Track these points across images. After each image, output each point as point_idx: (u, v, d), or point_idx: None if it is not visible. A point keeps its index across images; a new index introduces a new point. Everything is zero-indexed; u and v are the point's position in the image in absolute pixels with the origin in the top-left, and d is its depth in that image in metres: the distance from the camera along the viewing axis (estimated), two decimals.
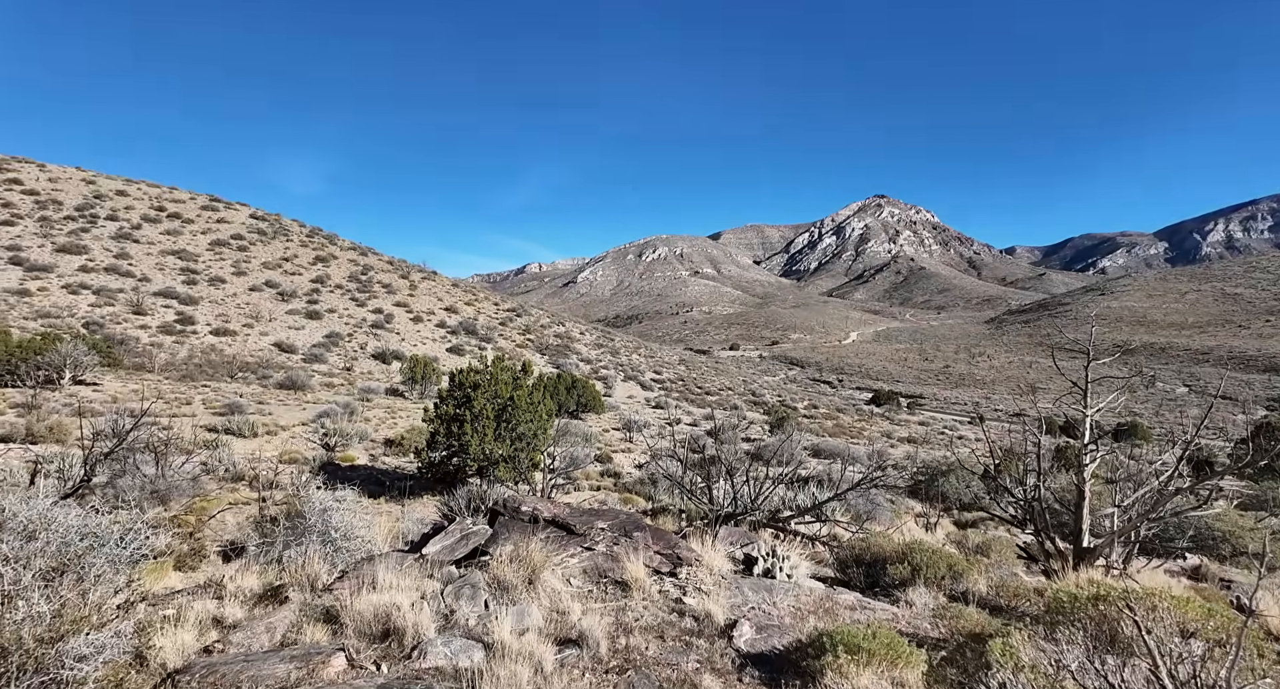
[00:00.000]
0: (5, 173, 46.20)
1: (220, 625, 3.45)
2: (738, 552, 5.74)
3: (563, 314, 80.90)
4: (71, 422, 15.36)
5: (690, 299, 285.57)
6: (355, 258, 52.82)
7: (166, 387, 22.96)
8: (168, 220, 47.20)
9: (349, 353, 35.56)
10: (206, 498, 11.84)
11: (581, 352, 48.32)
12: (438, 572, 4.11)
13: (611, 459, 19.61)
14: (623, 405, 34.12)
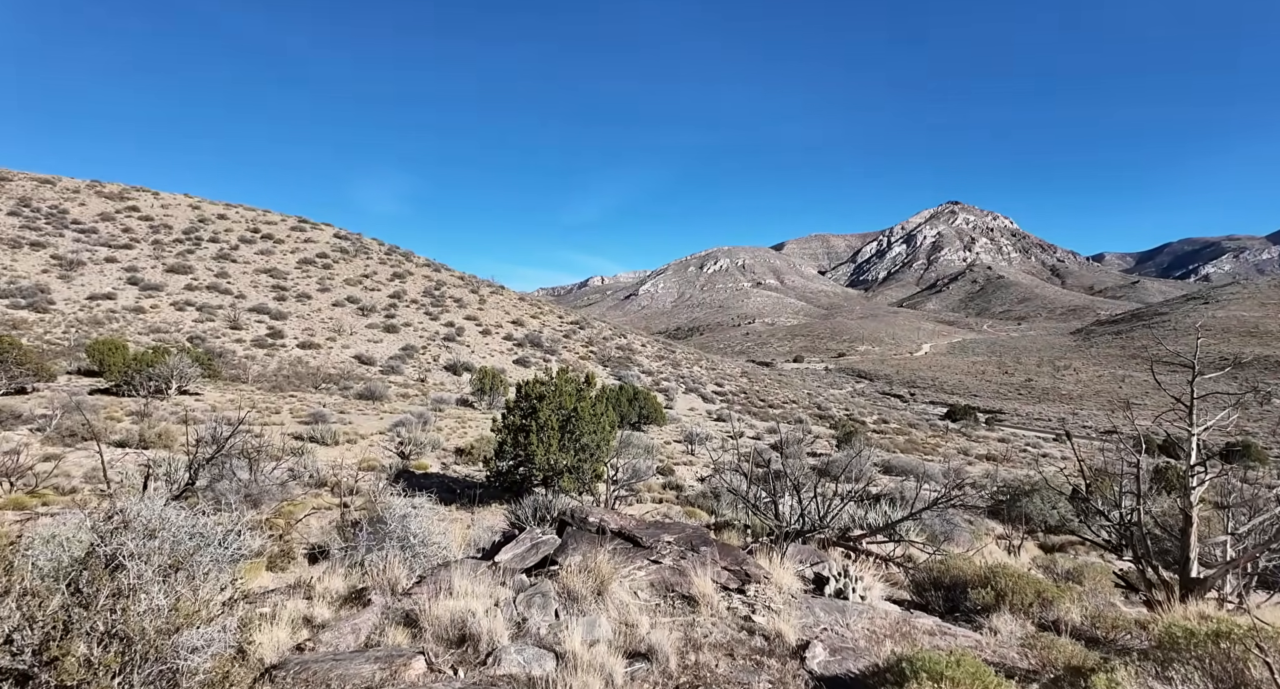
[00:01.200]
0: (125, 201, 51.04)
1: (310, 625, 3.66)
2: (807, 570, 5.59)
3: (624, 326, 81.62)
4: (177, 429, 16.68)
5: (752, 310, 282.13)
6: (429, 273, 55.16)
7: (258, 396, 24.59)
8: (261, 241, 50.85)
9: (423, 365, 37.06)
10: (293, 502, 12.56)
11: (643, 363, 48.53)
12: (509, 579, 4.21)
13: (673, 472, 19.54)
14: (684, 417, 33.97)
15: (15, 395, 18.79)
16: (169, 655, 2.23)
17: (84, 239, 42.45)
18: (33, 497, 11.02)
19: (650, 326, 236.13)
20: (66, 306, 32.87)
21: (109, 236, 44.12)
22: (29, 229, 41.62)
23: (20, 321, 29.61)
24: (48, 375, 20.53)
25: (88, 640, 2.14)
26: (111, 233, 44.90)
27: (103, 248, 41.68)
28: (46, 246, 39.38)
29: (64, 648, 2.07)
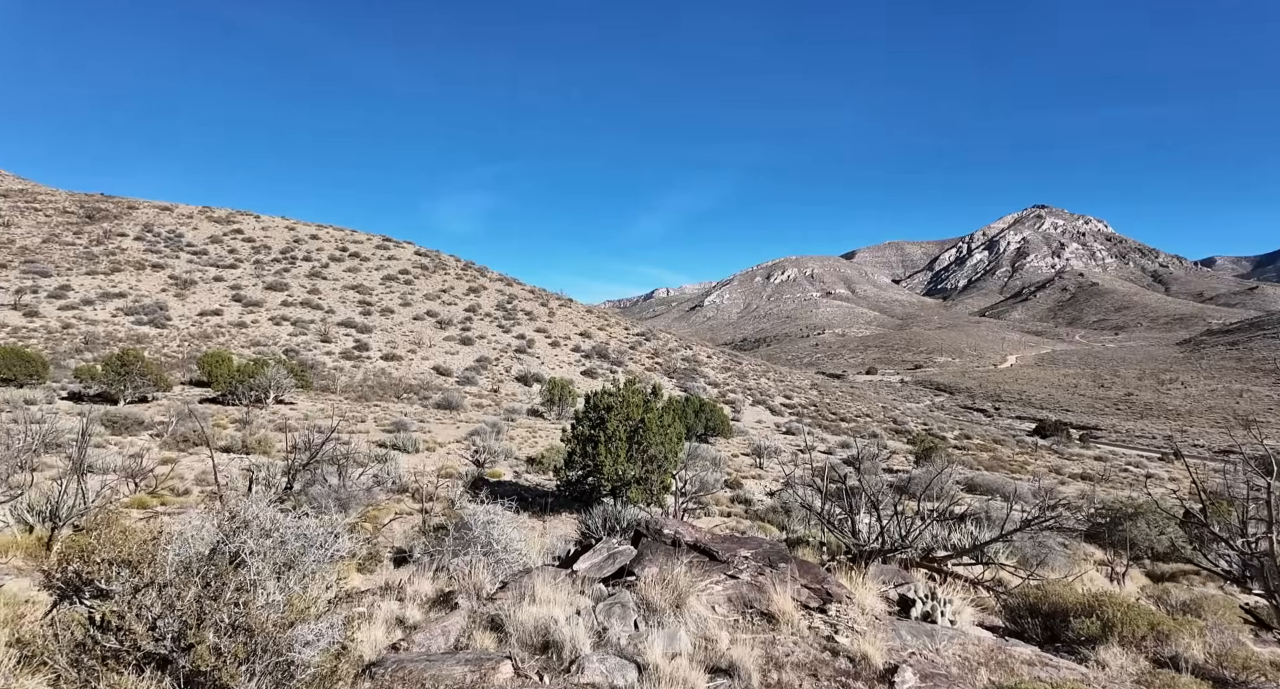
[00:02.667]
0: (231, 225, 55.60)
1: (403, 625, 3.84)
2: (891, 591, 5.37)
3: (690, 338, 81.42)
4: (275, 436, 17.91)
5: (822, 321, 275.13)
6: (502, 287, 57.04)
7: (346, 406, 26.06)
8: (349, 259, 54.12)
9: (496, 375, 38.25)
10: (378, 507, 13.21)
11: (709, 375, 48.21)
12: (588, 588, 4.27)
13: (741, 485, 19.28)
14: (751, 430, 33.47)
15: (139, 404, 20.73)
16: (284, 648, 2.40)
17: (196, 260, 46.50)
18: (153, 497, 12.09)
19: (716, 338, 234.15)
20: (181, 322, 36.03)
21: (217, 257, 48.15)
22: (151, 252, 46.00)
23: (143, 336, 32.68)
24: (165, 386, 22.53)
25: (216, 630, 2.34)
26: (219, 254, 48.99)
27: (212, 268, 45.51)
28: (165, 267, 43.39)
29: (199, 636, 2.27)
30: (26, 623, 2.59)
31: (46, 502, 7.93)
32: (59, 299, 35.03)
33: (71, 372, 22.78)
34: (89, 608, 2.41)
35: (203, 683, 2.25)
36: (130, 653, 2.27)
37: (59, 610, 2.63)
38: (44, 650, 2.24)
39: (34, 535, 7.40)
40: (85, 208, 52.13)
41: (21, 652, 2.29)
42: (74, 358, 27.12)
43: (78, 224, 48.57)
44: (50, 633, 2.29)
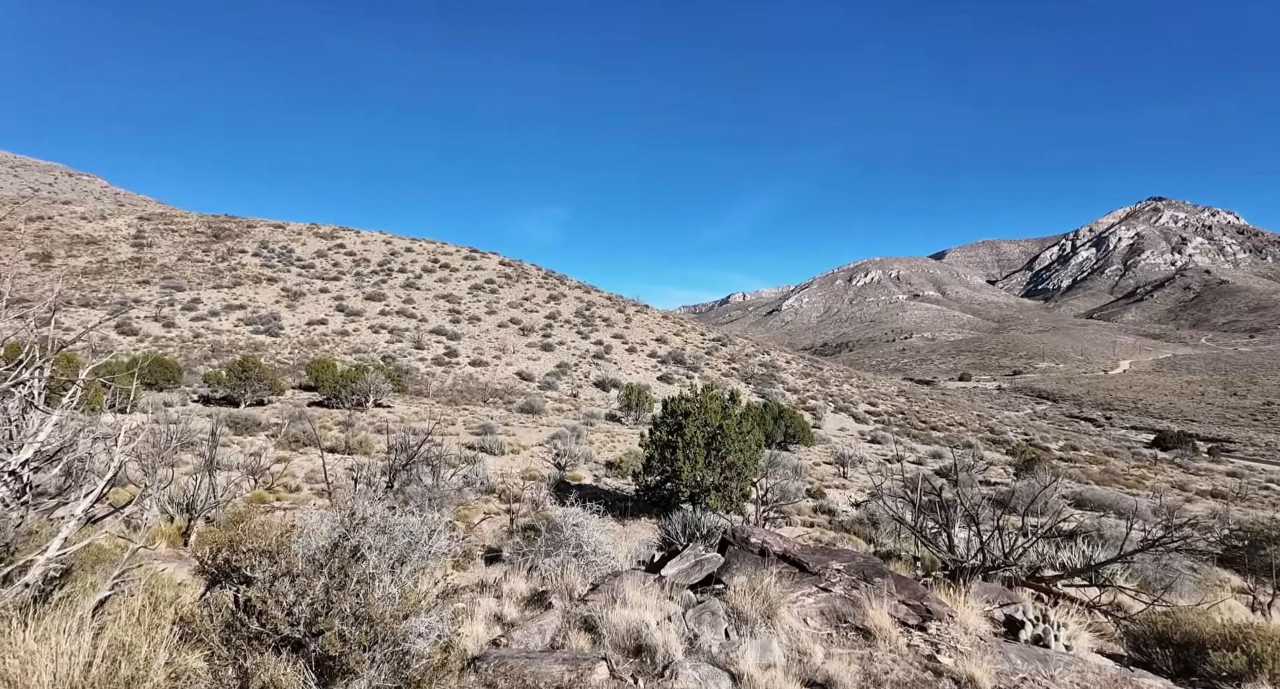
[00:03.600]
0: (335, 240, 59.90)
1: (501, 622, 4.01)
2: (995, 611, 5.06)
3: (767, 343, 79.99)
4: (374, 437, 19.10)
5: (909, 325, 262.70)
6: (580, 295, 58.28)
7: (438, 409, 27.42)
8: (440, 270, 57.00)
9: (575, 381, 39.08)
10: (468, 507, 13.80)
11: (787, 381, 47.15)
12: (676, 594, 4.29)
13: (824, 494, 18.74)
14: (833, 438, 32.44)
15: (256, 406, 22.68)
16: (400, 638, 2.57)
17: (304, 273, 50.40)
18: (269, 492, 13.19)
19: (794, 343, 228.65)
20: (291, 331, 39.14)
21: (322, 270, 51.99)
22: (266, 267, 50.29)
23: (259, 344, 35.75)
24: (279, 390, 24.53)
25: (342, 619, 2.53)
26: (324, 267, 52.88)
27: (318, 280, 49.18)
28: (278, 281, 47.31)
29: (327, 624, 2.47)
30: (184, 605, 2.91)
31: (184, 495, 8.83)
32: (190, 311, 38.92)
33: (201, 377, 25.23)
34: (235, 593, 2.68)
35: (331, 667, 2.45)
36: (270, 636, 2.51)
37: (210, 594, 2.95)
38: (201, 629, 2.51)
39: (174, 525, 8.26)
40: (212, 228, 57.72)
41: (183, 630, 2.58)
42: (203, 364, 30.04)
43: (206, 242, 53.84)
44: (205, 614, 2.57)
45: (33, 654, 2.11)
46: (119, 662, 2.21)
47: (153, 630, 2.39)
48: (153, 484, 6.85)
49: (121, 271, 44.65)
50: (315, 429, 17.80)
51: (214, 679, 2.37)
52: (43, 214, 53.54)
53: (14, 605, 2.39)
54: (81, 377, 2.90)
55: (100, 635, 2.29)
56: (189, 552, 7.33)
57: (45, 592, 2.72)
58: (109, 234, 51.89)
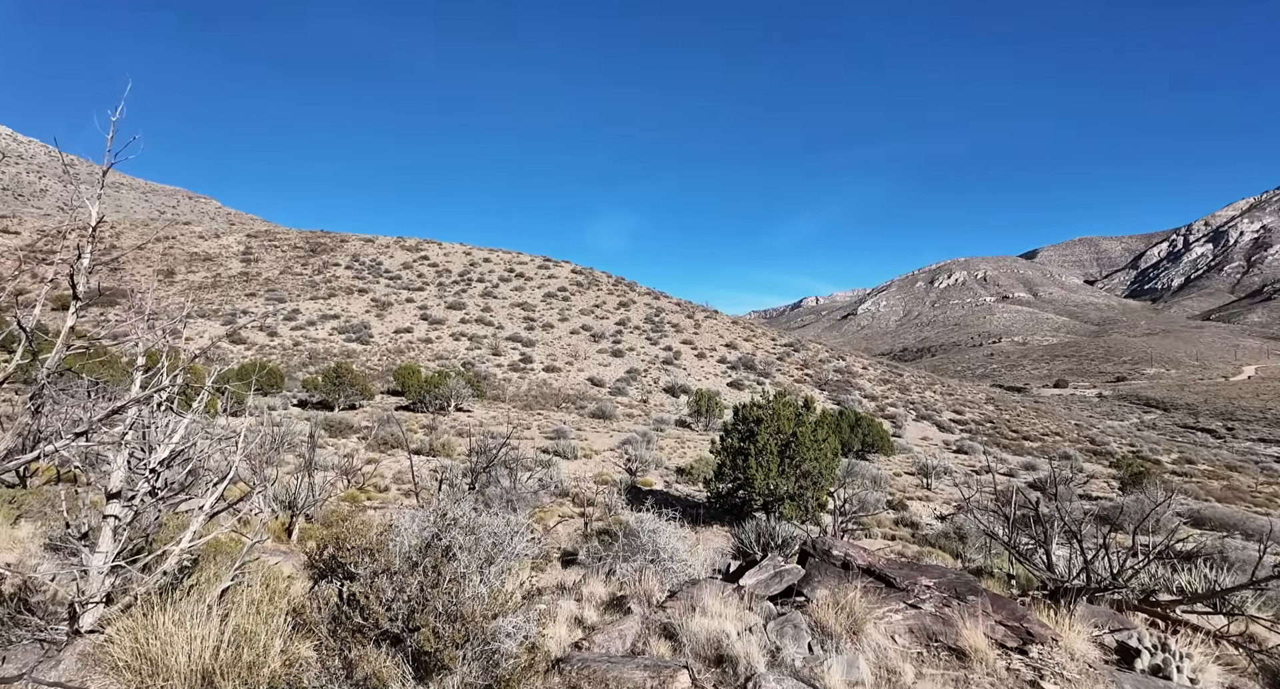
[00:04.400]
0: (419, 252, 63.06)
1: (582, 625, 4.07)
2: (1106, 637, 4.67)
3: (842, 348, 77.53)
4: (456, 440, 19.89)
5: (997, 328, 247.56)
6: (650, 301, 58.63)
7: (514, 414, 28.24)
8: (515, 279, 58.88)
9: (644, 386, 39.28)
10: (543, 509, 14.12)
11: (864, 387, 45.52)
12: (756, 605, 4.22)
13: (906, 506, 17.96)
14: (915, 447, 31.03)
15: (349, 410, 24.14)
16: (490, 637, 2.66)
17: (391, 284, 53.30)
18: (361, 492, 13.97)
19: (871, 348, 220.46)
20: (380, 339, 41.44)
21: (408, 281, 54.81)
22: (358, 279, 53.55)
23: (352, 352, 38.06)
24: (369, 395, 25.99)
25: (436, 616, 2.65)
26: (410, 278, 55.73)
27: (404, 290, 51.89)
28: (368, 291, 50.25)
29: (423, 620, 2.60)
30: (295, 597, 3.14)
31: (286, 493, 9.50)
32: (291, 321, 41.94)
33: (300, 383, 27.11)
34: (340, 588, 2.86)
35: (427, 662, 2.57)
36: (371, 630, 2.66)
37: (318, 588, 3.16)
38: (311, 621, 2.69)
39: (278, 521, 8.90)
40: (310, 243, 62.07)
41: (295, 620, 2.78)
42: (301, 371, 32.27)
43: (304, 257, 57.93)
44: (314, 607, 2.75)
45: (171, 636, 2.34)
46: (242, 647, 2.41)
47: (269, 619, 2.59)
48: (260, 482, 7.42)
49: (232, 285, 48.74)
50: (402, 432, 18.73)
51: (322, 668, 2.54)
52: (167, 234, 59.25)
53: (154, 591, 2.65)
54: (207, 384, 3.19)
55: (225, 622, 2.51)
56: (292, 546, 7.88)
57: (178, 580, 2.99)
58: (221, 251, 56.78)
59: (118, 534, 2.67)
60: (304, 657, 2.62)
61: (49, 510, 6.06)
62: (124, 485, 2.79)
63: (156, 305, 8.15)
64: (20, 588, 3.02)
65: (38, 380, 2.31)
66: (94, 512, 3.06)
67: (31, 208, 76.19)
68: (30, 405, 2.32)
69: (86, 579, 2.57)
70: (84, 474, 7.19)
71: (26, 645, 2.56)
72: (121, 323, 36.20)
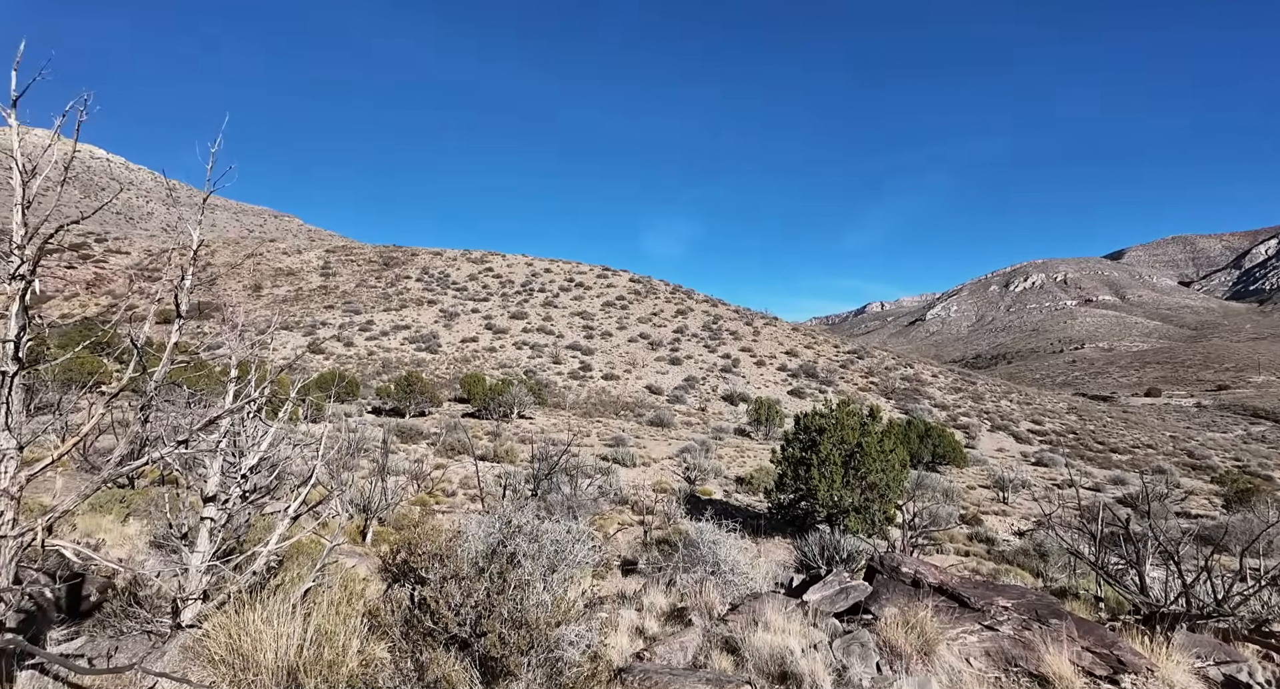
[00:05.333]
0: (484, 264, 65.11)
1: (643, 635, 4.08)
2: (1210, 669, 4.30)
3: (910, 355, 74.72)
4: (519, 447, 20.35)
5: (1080, 333, 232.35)
6: (707, 309, 58.36)
7: (574, 421, 28.64)
8: (575, 288, 59.89)
9: (703, 394, 39.05)
10: (603, 517, 14.22)
11: (934, 396, 43.69)
12: (821, 622, 4.11)
13: (981, 521, 17.10)
14: (990, 459, 29.51)
15: (419, 417, 25.09)
16: (553, 645, 2.70)
17: (458, 295, 55.23)
18: (430, 496, 14.47)
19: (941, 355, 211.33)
20: (447, 348, 42.95)
21: (474, 292, 56.65)
22: (427, 291, 55.77)
23: (422, 361, 39.60)
24: (437, 402, 26.95)
25: (501, 622, 2.72)
26: (475, 289, 57.58)
27: (470, 301, 53.66)
28: (437, 303, 52.25)
29: (490, 626, 2.67)
30: (370, 599, 3.29)
31: (361, 497, 9.95)
32: (365, 332, 44.05)
33: (374, 390, 28.40)
34: (412, 592, 2.99)
35: (493, 667, 2.64)
36: (441, 633, 2.76)
37: (391, 591, 3.31)
38: (386, 623, 2.82)
39: (354, 524, 9.33)
40: (383, 257, 65.14)
41: (370, 622, 2.91)
42: (375, 379, 33.80)
43: (378, 270, 60.83)
44: (388, 609, 2.88)
45: (260, 634, 2.50)
46: (323, 646, 2.55)
47: (347, 620, 2.73)
48: (337, 487, 7.82)
49: (312, 298, 51.68)
50: (468, 439, 19.31)
51: (396, 670, 2.65)
52: (255, 251, 63.49)
53: (244, 589, 2.84)
54: (291, 394, 3.40)
55: (308, 621, 2.66)
56: (366, 548, 8.24)
57: (264, 579, 3.19)
58: (303, 266, 60.33)
59: (213, 535, 2.88)
60: (379, 658, 2.74)
61: (153, 510, 6.58)
62: (219, 490, 3.01)
63: (245, 318, 8.76)
64: (131, 582, 3.30)
65: (147, 392, 2.54)
66: (192, 513, 3.30)
67: (140, 229, 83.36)
68: (141, 415, 2.56)
69: (187, 577, 2.78)
70: (182, 477, 7.78)
71: (135, 636, 2.80)
72: (215, 335, 39.02)
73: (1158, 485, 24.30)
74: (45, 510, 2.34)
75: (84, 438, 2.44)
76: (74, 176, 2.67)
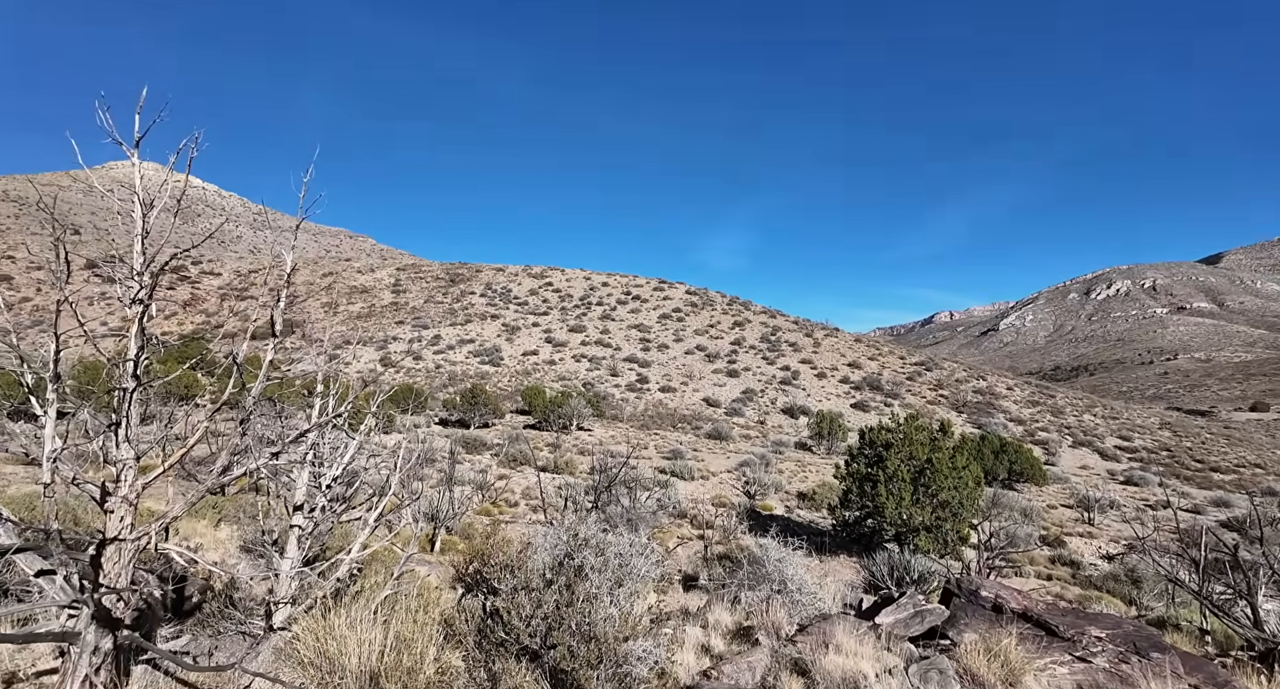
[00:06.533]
0: (544, 279, 66.62)
1: (709, 653, 4.03)
2: None
3: (982, 367, 71.27)
4: (578, 459, 20.57)
5: (1173, 343, 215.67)
6: (765, 320, 57.58)
7: (632, 433, 28.74)
8: (631, 301, 60.36)
9: (761, 407, 38.44)
10: (662, 530, 14.15)
11: (1009, 410, 41.49)
12: (895, 646, 3.95)
13: (1064, 543, 16.10)
14: (1073, 477, 27.72)
15: (483, 428, 25.77)
16: (622, 660, 2.71)
17: (520, 310, 56.63)
18: (494, 506, 14.80)
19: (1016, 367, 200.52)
20: (509, 361, 44.03)
21: (534, 307, 57.97)
22: (490, 306, 57.47)
23: (485, 373, 40.74)
24: (500, 414, 27.62)
25: (570, 635, 2.76)
26: (536, 304, 58.91)
27: (530, 315, 54.91)
28: (499, 317, 53.72)
29: (560, 638, 2.71)
30: (445, 607, 3.40)
31: (430, 506, 10.28)
32: (433, 346, 45.73)
33: (441, 402, 29.40)
34: (484, 602, 3.06)
35: (564, 680, 2.67)
36: (513, 644, 2.81)
37: (465, 601, 3.41)
38: (460, 632, 2.90)
39: (423, 532, 9.64)
40: (449, 274, 67.64)
41: (445, 630, 3.01)
42: (442, 391, 34.98)
43: (445, 286, 63.17)
44: (463, 618, 2.97)
45: (345, 638, 2.62)
46: (402, 653, 2.65)
47: (424, 628, 2.82)
48: (408, 496, 8.11)
49: (384, 314, 54.12)
50: (530, 450, 19.67)
51: (470, 679, 2.72)
52: (332, 270, 67.14)
53: (329, 594, 2.99)
54: (372, 408, 3.58)
55: (387, 628, 2.77)
56: (435, 557, 8.49)
57: (346, 585, 3.34)
58: (375, 284, 63.33)
59: (301, 542, 3.05)
60: (454, 666, 2.82)
61: (241, 516, 7.01)
62: (305, 499, 3.19)
63: (324, 334, 9.31)
64: (227, 585, 3.53)
65: (245, 407, 2.73)
66: (281, 520, 3.51)
67: (230, 252, 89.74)
68: (240, 428, 2.76)
69: (277, 581, 2.96)
70: (268, 485, 8.26)
71: (231, 636, 2.99)
72: (296, 349, 41.38)
73: (1269, 508, 22.19)
74: (157, 516, 2.54)
75: (190, 449, 2.64)
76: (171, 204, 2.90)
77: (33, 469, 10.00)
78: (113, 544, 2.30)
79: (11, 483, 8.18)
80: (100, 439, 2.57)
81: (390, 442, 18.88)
